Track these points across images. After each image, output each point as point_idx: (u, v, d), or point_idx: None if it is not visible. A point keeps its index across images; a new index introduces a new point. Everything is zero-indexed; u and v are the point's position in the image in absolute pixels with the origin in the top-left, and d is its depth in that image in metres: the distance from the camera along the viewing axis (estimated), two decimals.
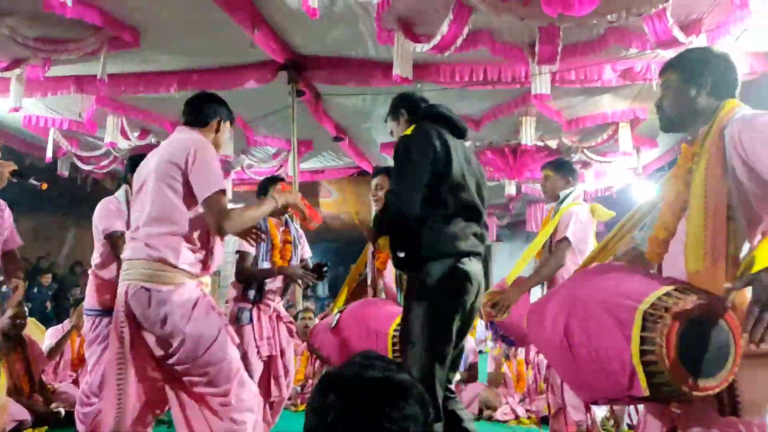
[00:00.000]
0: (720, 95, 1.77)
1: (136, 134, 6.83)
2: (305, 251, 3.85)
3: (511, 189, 8.18)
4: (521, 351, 4.84)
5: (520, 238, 14.65)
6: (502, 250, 14.99)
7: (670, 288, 1.51)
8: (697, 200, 1.66)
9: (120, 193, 3.31)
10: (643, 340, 1.44)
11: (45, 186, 2.72)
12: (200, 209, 2.23)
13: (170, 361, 2.18)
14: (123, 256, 2.32)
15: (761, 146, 1.55)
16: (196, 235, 2.26)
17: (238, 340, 2.40)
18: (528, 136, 6.30)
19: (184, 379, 2.20)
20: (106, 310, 3.16)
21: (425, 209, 2.22)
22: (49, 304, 9.41)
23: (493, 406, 4.75)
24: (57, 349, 4.67)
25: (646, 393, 1.43)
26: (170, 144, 2.33)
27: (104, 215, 3.18)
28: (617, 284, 1.65)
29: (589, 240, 3.32)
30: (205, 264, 2.31)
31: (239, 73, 5.48)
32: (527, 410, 4.63)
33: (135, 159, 3.40)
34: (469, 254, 2.25)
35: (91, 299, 3.21)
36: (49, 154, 6.90)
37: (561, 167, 3.53)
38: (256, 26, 4.52)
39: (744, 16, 4.25)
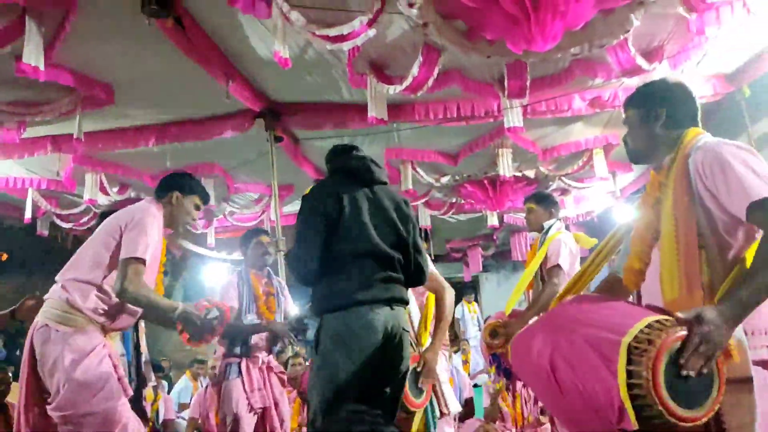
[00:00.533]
0: (678, 124, 1.82)
1: (116, 189, 6.80)
2: (288, 304, 3.84)
3: (493, 220, 8.24)
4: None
5: (507, 267, 14.67)
6: (490, 280, 14.98)
7: (651, 319, 1.51)
8: (667, 229, 1.69)
9: None
10: (629, 374, 1.44)
11: (5, 257, 2.93)
12: None
13: (51, 407, 2.25)
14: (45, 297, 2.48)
15: (721, 176, 1.60)
16: (111, 290, 2.40)
17: (130, 393, 2.51)
18: (506, 168, 6.39)
19: (62, 428, 2.25)
20: None
21: (321, 264, 2.27)
22: None
23: None
24: None
25: (636, 427, 1.43)
26: (126, 208, 2.57)
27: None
28: (599, 317, 1.65)
29: (577, 267, 3.43)
30: (112, 317, 2.44)
31: (216, 123, 5.53)
32: None
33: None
34: (370, 302, 2.23)
35: None
36: (28, 214, 6.83)
37: (543, 200, 3.70)
38: (230, 77, 4.58)
39: (702, 42, 4.40)
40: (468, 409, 5.90)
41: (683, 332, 1.48)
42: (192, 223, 2.74)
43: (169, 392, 7.41)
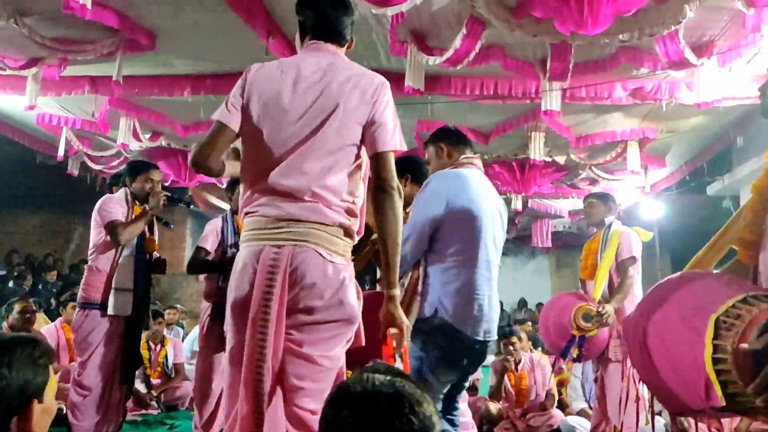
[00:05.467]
0: None
1: (148, 136, 6.89)
2: None
3: (517, 204, 8.20)
4: (522, 365, 4.83)
5: (525, 252, 14.63)
6: (507, 264, 14.94)
7: (747, 295, 1.46)
8: None
9: (120, 195, 3.42)
10: (715, 348, 1.41)
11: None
12: None
13: None
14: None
15: None
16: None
17: None
18: (537, 152, 6.33)
19: None
20: (98, 303, 3.23)
21: None
22: (53, 301, 9.45)
23: (494, 420, 4.74)
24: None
25: (723, 403, 1.40)
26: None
27: (106, 207, 3.29)
28: (696, 292, 1.63)
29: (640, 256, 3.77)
30: None
31: None
32: (528, 426, 4.62)
33: (134, 164, 3.54)
34: None
35: (84, 292, 3.27)
36: (60, 152, 6.96)
37: (606, 198, 3.96)
38: (271, 34, 4.57)
39: (756, 39, 4.27)
40: (473, 385, 5.94)
41: None
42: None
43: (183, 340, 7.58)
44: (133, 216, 3.33)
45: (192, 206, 3.56)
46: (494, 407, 4.87)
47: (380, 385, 1.06)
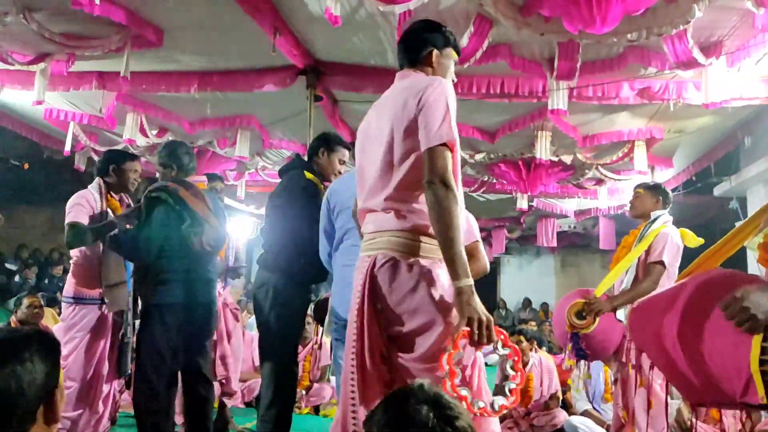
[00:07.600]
0: None
1: (155, 132, 6.90)
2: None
3: (523, 203, 8.18)
4: (530, 367, 4.82)
5: (530, 252, 14.62)
6: (511, 263, 14.93)
7: None
8: None
9: (93, 186, 3.37)
10: (763, 350, 1.46)
11: (26, 166, 2.74)
12: None
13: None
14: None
15: None
16: None
17: None
18: (543, 151, 6.31)
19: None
20: (83, 298, 3.24)
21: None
22: (59, 295, 9.49)
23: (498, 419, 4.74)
24: None
25: (764, 401, 1.47)
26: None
27: (68, 204, 3.29)
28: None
29: (677, 263, 3.37)
30: None
31: (259, 77, 5.54)
32: (531, 425, 4.62)
33: (110, 153, 3.54)
34: None
35: (69, 287, 3.31)
36: (67, 147, 6.98)
37: (655, 188, 3.61)
38: (278, 31, 4.57)
39: (765, 39, 4.25)
40: None
41: None
42: None
43: None
44: (108, 208, 3.33)
45: None
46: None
47: None
